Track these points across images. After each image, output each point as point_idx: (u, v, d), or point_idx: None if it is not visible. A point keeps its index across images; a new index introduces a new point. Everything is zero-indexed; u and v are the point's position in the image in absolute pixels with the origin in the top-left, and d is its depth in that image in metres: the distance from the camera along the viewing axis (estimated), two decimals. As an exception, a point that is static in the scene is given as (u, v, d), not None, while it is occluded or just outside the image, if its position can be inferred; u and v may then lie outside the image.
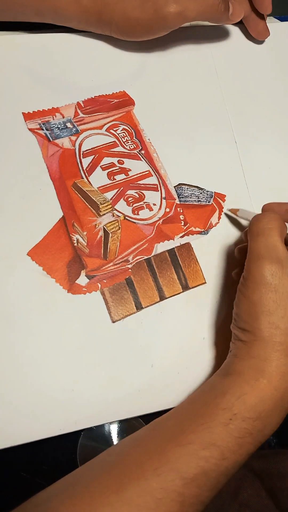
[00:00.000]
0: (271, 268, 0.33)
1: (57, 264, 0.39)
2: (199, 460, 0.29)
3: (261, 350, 0.32)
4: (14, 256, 0.38)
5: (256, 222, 0.35)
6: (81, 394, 0.37)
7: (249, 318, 0.33)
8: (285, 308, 0.32)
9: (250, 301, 0.33)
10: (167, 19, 0.42)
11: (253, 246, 0.34)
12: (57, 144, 0.42)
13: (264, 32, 0.50)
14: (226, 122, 0.47)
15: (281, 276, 0.33)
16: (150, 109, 0.46)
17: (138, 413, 0.37)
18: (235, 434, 0.30)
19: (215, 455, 0.29)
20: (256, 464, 0.40)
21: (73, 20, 0.43)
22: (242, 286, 0.34)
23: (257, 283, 0.33)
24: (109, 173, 0.42)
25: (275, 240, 0.34)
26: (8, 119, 0.42)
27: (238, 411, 0.30)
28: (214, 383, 0.33)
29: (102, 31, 0.44)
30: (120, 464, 0.29)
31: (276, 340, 0.32)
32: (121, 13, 0.42)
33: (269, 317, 0.32)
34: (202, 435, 0.29)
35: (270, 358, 0.32)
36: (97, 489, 0.28)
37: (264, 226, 0.35)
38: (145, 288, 0.40)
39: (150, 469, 0.28)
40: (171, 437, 0.30)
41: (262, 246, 0.34)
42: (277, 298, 0.32)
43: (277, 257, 0.33)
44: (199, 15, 0.43)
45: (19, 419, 0.35)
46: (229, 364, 0.34)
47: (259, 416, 0.30)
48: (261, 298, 0.33)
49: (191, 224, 0.42)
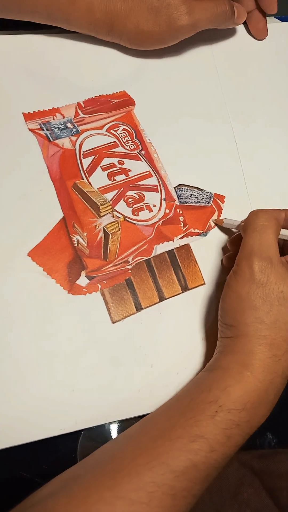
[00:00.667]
0: (261, 265, 0.34)
1: (57, 265, 0.39)
2: (188, 453, 0.29)
3: (246, 344, 0.33)
4: (14, 257, 0.38)
5: (254, 218, 0.36)
6: (82, 394, 0.37)
7: (235, 313, 0.34)
8: (271, 304, 0.33)
9: (237, 295, 0.34)
10: (180, 32, 0.43)
11: (247, 241, 0.35)
12: (58, 145, 0.42)
13: (264, 31, 0.50)
14: (226, 123, 0.47)
15: (270, 273, 0.33)
16: (150, 109, 0.46)
17: (138, 413, 0.37)
18: (222, 426, 0.30)
19: (204, 447, 0.30)
20: (256, 463, 0.40)
21: (84, 29, 0.43)
22: (231, 280, 0.35)
23: (246, 279, 0.34)
24: (109, 173, 0.42)
25: (269, 238, 0.35)
26: (9, 119, 0.42)
27: (223, 403, 0.31)
28: (200, 378, 0.34)
29: (112, 40, 0.45)
30: (113, 460, 0.30)
31: (260, 334, 0.33)
32: (133, 25, 0.42)
33: (255, 312, 0.33)
34: (190, 429, 0.30)
35: (254, 351, 0.32)
36: (92, 485, 0.28)
37: (262, 223, 0.35)
38: (145, 289, 0.40)
39: (142, 464, 0.29)
40: (161, 432, 0.31)
41: (256, 243, 0.35)
42: (263, 294, 0.33)
43: (268, 255, 0.34)
44: (210, 23, 0.44)
45: (20, 419, 0.35)
46: (215, 360, 0.35)
47: (244, 408, 0.31)
48: (248, 293, 0.33)
49: (191, 226, 0.42)
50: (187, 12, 0.42)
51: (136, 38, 0.43)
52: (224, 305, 0.35)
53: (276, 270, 0.34)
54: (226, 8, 0.44)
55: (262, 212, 0.36)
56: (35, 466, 0.37)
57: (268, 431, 0.42)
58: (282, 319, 0.33)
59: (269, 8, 0.47)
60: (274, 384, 0.33)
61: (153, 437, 0.31)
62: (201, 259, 0.42)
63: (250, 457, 0.40)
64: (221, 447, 0.30)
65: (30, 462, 0.37)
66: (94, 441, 0.38)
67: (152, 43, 0.44)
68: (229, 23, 0.46)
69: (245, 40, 0.51)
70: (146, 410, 0.37)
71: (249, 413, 0.31)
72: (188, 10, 0.42)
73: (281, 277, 0.34)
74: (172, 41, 0.44)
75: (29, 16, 0.42)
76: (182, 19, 0.42)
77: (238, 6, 0.46)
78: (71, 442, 0.38)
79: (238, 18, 0.46)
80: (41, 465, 0.37)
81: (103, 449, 0.32)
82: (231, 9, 0.44)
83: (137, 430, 0.33)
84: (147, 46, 0.45)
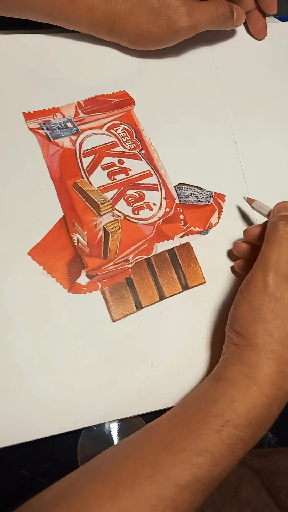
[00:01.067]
0: (276, 280, 0.33)
1: (57, 264, 0.39)
2: (192, 467, 0.29)
3: (253, 356, 0.32)
4: (14, 256, 0.38)
5: (275, 229, 0.35)
6: (82, 393, 0.37)
7: (245, 323, 0.33)
8: (282, 320, 0.32)
9: (250, 305, 0.33)
10: (179, 33, 0.43)
11: (266, 252, 0.34)
12: (58, 144, 0.42)
13: (263, 31, 0.50)
14: (226, 122, 0.47)
15: (284, 289, 0.33)
16: (150, 109, 0.46)
17: (138, 412, 0.37)
18: (227, 440, 0.30)
19: (208, 461, 0.29)
20: (256, 462, 0.40)
21: (84, 29, 0.43)
22: (244, 289, 0.34)
23: (259, 290, 0.33)
24: (109, 172, 0.42)
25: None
26: (9, 119, 0.42)
27: (230, 418, 0.31)
28: (205, 388, 0.34)
29: (112, 40, 0.45)
30: (115, 470, 0.30)
31: (269, 348, 0.32)
32: (134, 26, 0.42)
33: (265, 324, 0.32)
34: (194, 442, 0.30)
35: (261, 365, 0.32)
36: (93, 496, 0.28)
37: (282, 235, 0.34)
38: (145, 287, 0.40)
39: (144, 476, 0.29)
40: (164, 443, 0.30)
41: (274, 256, 0.33)
42: (276, 308, 0.33)
43: (285, 270, 0.33)
44: (209, 25, 0.44)
45: (20, 418, 0.35)
46: (220, 368, 0.34)
47: (250, 423, 0.31)
48: (261, 305, 0.33)
49: (191, 224, 0.43)
50: (187, 14, 0.42)
51: (136, 39, 0.44)
52: (235, 312, 0.35)
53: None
54: (225, 10, 0.44)
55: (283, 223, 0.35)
56: (36, 465, 0.37)
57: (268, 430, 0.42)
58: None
59: (269, 8, 0.48)
60: (279, 400, 0.32)
61: (156, 448, 0.30)
62: (202, 258, 0.42)
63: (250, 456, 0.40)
64: (225, 461, 0.30)
65: (31, 461, 0.37)
66: (94, 440, 0.38)
67: (152, 43, 0.44)
68: (229, 25, 0.46)
69: (244, 39, 0.51)
70: (146, 409, 0.37)
71: (254, 428, 0.31)
72: (188, 11, 0.42)
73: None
74: (172, 42, 0.44)
75: (29, 14, 0.42)
76: (182, 21, 0.42)
77: (238, 8, 0.46)
78: (71, 441, 0.38)
79: (237, 20, 0.46)
80: (41, 464, 0.37)
81: (104, 456, 0.32)
82: (230, 11, 0.45)
83: (140, 439, 0.32)
84: (147, 47, 0.45)
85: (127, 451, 0.31)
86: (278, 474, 0.39)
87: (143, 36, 0.43)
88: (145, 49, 0.45)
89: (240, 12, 0.46)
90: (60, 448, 0.38)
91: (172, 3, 0.41)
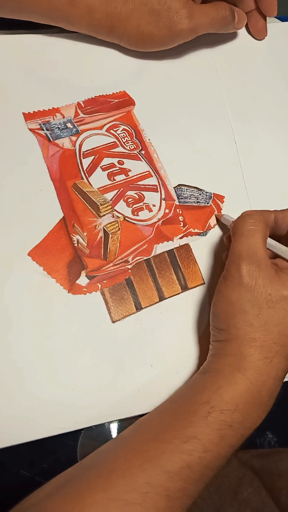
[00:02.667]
0: (249, 269, 0.34)
1: (57, 265, 0.39)
2: (182, 454, 0.29)
3: (237, 347, 0.33)
4: (14, 256, 0.38)
5: (241, 222, 0.36)
6: (81, 393, 0.37)
7: (226, 317, 0.34)
8: (260, 307, 0.33)
9: (227, 300, 0.34)
10: (180, 35, 0.43)
11: (235, 246, 0.35)
12: (58, 145, 0.42)
13: (263, 31, 0.50)
14: (226, 123, 0.47)
15: (258, 276, 0.34)
16: (150, 109, 0.46)
17: (138, 413, 0.37)
18: (215, 426, 0.31)
19: (197, 448, 0.30)
20: (256, 462, 0.40)
21: (84, 30, 0.43)
22: (221, 285, 0.35)
23: (235, 283, 0.34)
24: (109, 173, 0.42)
25: (257, 242, 0.35)
26: (9, 119, 0.42)
27: (216, 403, 0.31)
28: (193, 381, 0.35)
29: (112, 41, 0.45)
30: (107, 462, 0.30)
31: (250, 337, 0.33)
32: (134, 28, 0.42)
33: (244, 316, 0.33)
34: (183, 430, 0.30)
35: (244, 354, 0.33)
36: (86, 487, 0.28)
37: (249, 227, 0.36)
38: (145, 288, 0.40)
39: (136, 465, 0.29)
40: (155, 434, 0.31)
41: (244, 247, 0.35)
42: (252, 298, 0.34)
43: (256, 259, 0.34)
44: (210, 28, 0.44)
45: (20, 419, 0.35)
46: (207, 363, 0.35)
47: (236, 408, 0.31)
48: (238, 297, 0.34)
49: (190, 225, 0.43)
50: (187, 16, 0.42)
51: (136, 40, 0.43)
52: (214, 310, 0.36)
53: (264, 274, 0.34)
54: (226, 13, 0.44)
55: (249, 216, 0.37)
56: (35, 465, 0.37)
57: (268, 430, 0.42)
58: (271, 322, 0.33)
59: (268, 11, 0.47)
60: (267, 386, 0.33)
61: (147, 439, 0.31)
62: (201, 259, 0.42)
63: (249, 456, 0.40)
64: (215, 448, 0.30)
65: (30, 461, 0.37)
66: (94, 440, 0.38)
67: (152, 45, 0.44)
68: (229, 28, 0.46)
69: (244, 40, 0.51)
70: (146, 409, 0.37)
71: (242, 414, 0.32)
72: (189, 14, 0.42)
73: (269, 280, 0.34)
74: (172, 44, 0.44)
75: (29, 15, 0.42)
76: (182, 23, 0.42)
77: (239, 11, 0.46)
78: (71, 441, 0.38)
79: (238, 23, 0.46)
80: (41, 464, 0.38)
81: (98, 451, 0.33)
82: (231, 14, 0.45)
83: (131, 432, 0.33)
84: (147, 48, 0.45)
85: (119, 444, 0.32)
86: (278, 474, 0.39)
87: (143, 38, 0.43)
88: (145, 51, 0.45)
89: (241, 15, 0.46)
90: (60, 448, 0.38)
91: (173, 5, 0.41)
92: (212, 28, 0.44)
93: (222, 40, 0.50)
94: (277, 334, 0.33)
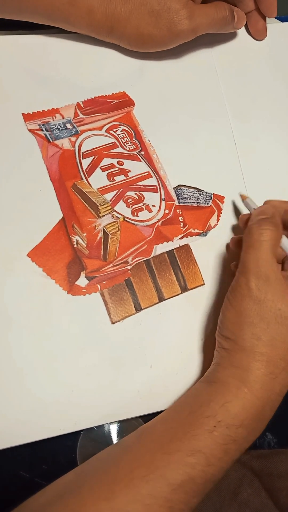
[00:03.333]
0: (258, 283, 0.33)
1: (57, 265, 0.39)
2: (185, 467, 0.29)
3: (243, 360, 0.33)
4: (14, 257, 0.38)
5: (249, 233, 0.36)
6: (81, 394, 0.37)
7: (233, 327, 0.34)
8: (268, 322, 0.33)
9: (236, 310, 0.34)
10: (180, 36, 0.43)
11: (244, 258, 0.35)
12: (57, 145, 0.42)
13: (263, 31, 0.50)
14: (226, 123, 0.47)
15: (267, 291, 0.33)
16: (150, 110, 0.46)
17: (137, 414, 0.37)
18: (219, 441, 0.30)
19: (201, 461, 0.30)
20: (255, 463, 0.40)
21: (84, 30, 0.43)
22: (230, 295, 0.35)
23: (243, 295, 0.34)
24: (109, 174, 0.42)
25: (265, 254, 0.34)
26: (8, 120, 0.42)
27: (222, 418, 0.31)
28: (198, 390, 0.34)
29: (112, 41, 0.45)
30: (110, 471, 0.30)
31: (257, 351, 0.33)
32: (134, 28, 0.42)
33: (252, 328, 0.33)
34: (188, 443, 0.30)
35: (251, 368, 0.32)
36: (89, 496, 0.28)
37: (257, 238, 0.35)
38: (144, 289, 0.40)
39: (139, 476, 0.29)
40: (159, 445, 0.31)
41: (252, 260, 0.34)
42: (260, 311, 0.33)
43: (265, 272, 0.34)
44: (210, 28, 0.44)
45: (19, 420, 0.35)
46: (212, 372, 0.35)
47: (242, 424, 0.31)
48: (246, 309, 0.33)
49: (190, 226, 0.43)
50: (187, 17, 0.42)
51: (136, 41, 0.43)
52: (223, 319, 0.35)
53: (274, 288, 0.33)
54: (226, 14, 0.44)
55: (257, 225, 0.35)
56: (35, 466, 0.37)
57: (267, 431, 0.42)
58: (279, 338, 0.33)
59: (268, 12, 0.47)
60: (271, 402, 0.33)
61: (151, 449, 0.31)
62: (201, 260, 0.42)
63: (249, 457, 0.40)
64: (218, 462, 0.30)
65: (30, 462, 0.37)
66: (93, 441, 0.38)
67: (152, 46, 0.44)
68: (229, 28, 0.46)
69: (244, 40, 0.51)
70: (145, 410, 0.37)
71: (247, 429, 0.31)
72: (189, 14, 0.42)
73: (278, 295, 0.33)
74: (172, 45, 0.44)
75: (29, 16, 0.42)
76: (182, 24, 0.42)
77: (238, 11, 0.46)
78: (70, 442, 0.38)
79: (238, 23, 0.46)
80: (40, 465, 0.37)
81: (100, 457, 0.32)
82: (231, 14, 0.45)
83: (135, 441, 0.32)
84: (147, 49, 0.45)
85: (122, 452, 0.32)
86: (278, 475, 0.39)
87: (143, 38, 0.43)
88: (145, 51, 0.45)
89: (241, 15, 0.46)
90: (60, 449, 0.38)
91: (173, 6, 0.41)
92: (212, 29, 0.44)
93: (222, 40, 0.50)
94: (284, 351, 0.33)
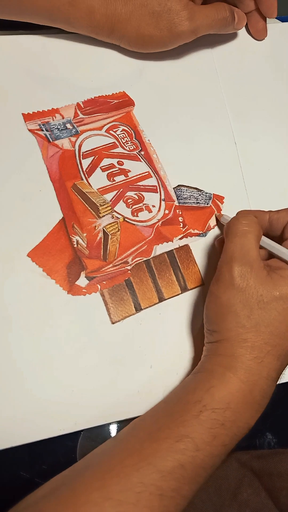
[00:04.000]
0: (241, 270, 0.34)
1: (57, 265, 0.39)
2: (174, 454, 0.30)
3: (228, 348, 0.34)
4: (14, 257, 0.38)
5: (235, 223, 0.37)
6: (81, 394, 0.37)
7: (217, 319, 0.35)
8: (251, 308, 0.33)
9: (219, 301, 0.34)
10: (180, 37, 0.43)
11: (228, 247, 0.35)
12: (57, 145, 0.42)
13: (263, 32, 0.50)
14: (226, 123, 0.47)
15: (249, 278, 0.34)
16: (150, 110, 0.46)
17: (138, 414, 0.37)
18: (207, 425, 0.31)
19: (190, 447, 0.30)
20: (255, 463, 0.40)
21: (84, 31, 0.43)
22: (213, 287, 0.36)
23: (227, 284, 0.34)
24: (109, 174, 0.42)
25: (250, 243, 0.35)
26: (8, 120, 0.42)
27: (207, 402, 0.32)
28: (186, 381, 0.35)
29: (112, 42, 0.45)
30: (102, 462, 0.30)
31: (241, 338, 0.33)
32: (134, 29, 0.42)
33: (236, 317, 0.34)
34: (176, 429, 0.31)
35: (235, 354, 0.33)
36: (80, 487, 0.29)
37: (242, 228, 0.36)
38: (144, 289, 0.40)
39: (130, 465, 0.29)
40: (148, 434, 0.31)
41: (237, 248, 0.35)
42: (243, 299, 0.34)
43: (248, 260, 0.34)
44: (210, 29, 0.44)
45: (20, 420, 0.35)
46: (200, 363, 0.36)
47: (228, 407, 0.32)
48: (229, 299, 0.34)
49: (190, 226, 0.43)
50: (188, 18, 0.42)
51: (136, 42, 0.43)
52: (207, 312, 0.36)
53: (256, 275, 0.34)
54: (226, 14, 0.44)
55: (242, 217, 0.37)
56: (35, 466, 0.37)
57: (267, 431, 0.42)
58: (262, 323, 0.33)
59: (268, 12, 0.47)
60: (259, 386, 0.33)
61: (141, 439, 0.31)
62: (201, 260, 0.42)
63: (249, 457, 0.40)
64: (207, 447, 0.30)
65: (30, 462, 0.37)
66: (93, 441, 0.38)
67: (152, 47, 0.44)
68: (229, 29, 0.46)
69: (245, 40, 0.51)
70: (145, 410, 0.37)
71: (234, 413, 0.32)
72: (189, 15, 0.42)
73: (260, 282, 0.34)
74: (172, 46, 0.44)
75: (30, 17, 0.42)
76: (183, 25, 0.42)
77: (239, 12, 0.46)
78: (70, 442, 0.38)
79: (238, 23, 0.46)
80: (40, 465, 0.38)
81: (93, 452, 0.33)
82: (231, 15, 0.45)
83: (126, 433, 0.33)
84: (147, 49, 0.45)
85: (114, 445, 0.32)
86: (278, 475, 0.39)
87: (143, 39, 0.43)
88: (145, 52, 0.45)
89: (241, 16, 0.46)
90: (59, 449, 0.38)
91: (173, 7, 0.41)
92: (213, 29, 0.44)
93: (222, 41, 0.50)
94: (269, 335, 0.33)
